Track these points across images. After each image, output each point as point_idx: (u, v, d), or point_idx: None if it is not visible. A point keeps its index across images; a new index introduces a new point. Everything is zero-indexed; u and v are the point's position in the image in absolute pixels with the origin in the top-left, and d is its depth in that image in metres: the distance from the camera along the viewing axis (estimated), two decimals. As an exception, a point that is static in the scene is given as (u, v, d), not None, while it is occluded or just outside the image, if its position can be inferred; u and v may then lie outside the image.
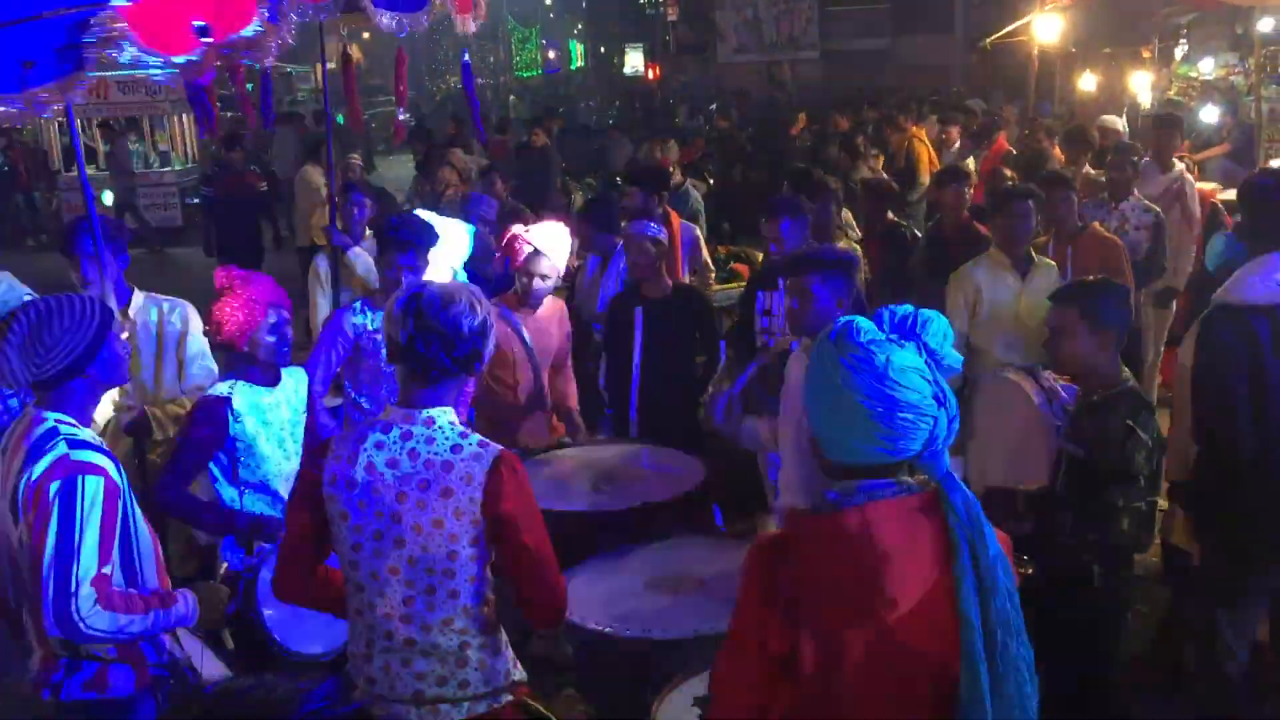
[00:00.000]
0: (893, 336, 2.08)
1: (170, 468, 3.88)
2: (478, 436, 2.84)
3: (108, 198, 16.62)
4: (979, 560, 2.00)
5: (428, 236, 4.86)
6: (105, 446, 3.13)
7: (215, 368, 4.85)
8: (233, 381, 3.93)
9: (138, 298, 4.69)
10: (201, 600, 3.24)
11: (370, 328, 4.73)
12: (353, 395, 4.86)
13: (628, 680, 3.50)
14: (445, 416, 2.83)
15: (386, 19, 5.23)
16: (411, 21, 5.27)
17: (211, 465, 3.93)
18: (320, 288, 6.34)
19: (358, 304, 4.87)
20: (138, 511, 3.19)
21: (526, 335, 5.14)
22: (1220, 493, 3.93)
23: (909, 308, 2.13)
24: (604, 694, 3.65)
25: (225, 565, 3.94)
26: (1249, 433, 3.83)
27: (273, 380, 4.01)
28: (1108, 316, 3.67)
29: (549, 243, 5.12)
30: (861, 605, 2.03)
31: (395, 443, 2.79)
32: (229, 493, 3.94)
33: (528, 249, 5.06)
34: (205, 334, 4.38)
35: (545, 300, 5.29)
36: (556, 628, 3.22)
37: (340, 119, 9.39)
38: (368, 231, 6.84)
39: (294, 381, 4.16)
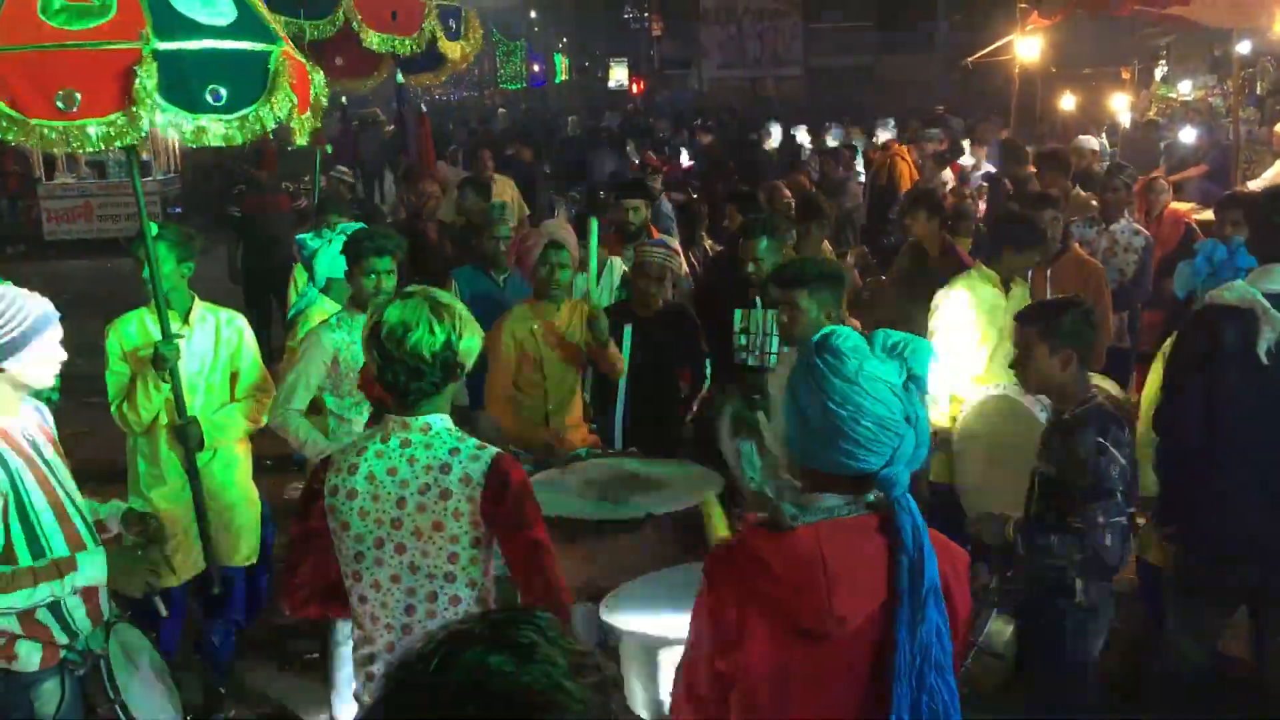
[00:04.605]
0: (880, 354, 2.10)
1: None
2: (475, 440, 2.88)
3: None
4: (916, 587, 2.03)
5: (399, 244, 4.90)
6: None
7: (269, 376, 4.95)
8: None
9: (197, 306, 4.77)
10: (116, 560, 3.28)
11: (347, 340, 4.73)
12: (335, 410, 4.84)
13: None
14: (442, 422, 2.86)
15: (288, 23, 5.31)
16: (316, 30, 5.34)
17: None
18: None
19: (333, 319, 4.86)
20: (40, 504, 3.23)
21: (550, 338, 5.16)
22: (1176, 486, 4.00)
23: (906, 335, 2.14)
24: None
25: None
26: (1196, 428, 3.90)
27: None
28: (1068, 336, 3.70)
29: (560, 233, 5.20)
30: (811, 622, 2.05)
31: (394, 451, 2.82)
32: None
33: (542, 241, 5.11)
34: None
35: (567, 302, 5.31)
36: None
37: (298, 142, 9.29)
38: None
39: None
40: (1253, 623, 4.24)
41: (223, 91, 3.82)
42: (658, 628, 3.28)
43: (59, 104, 3.62)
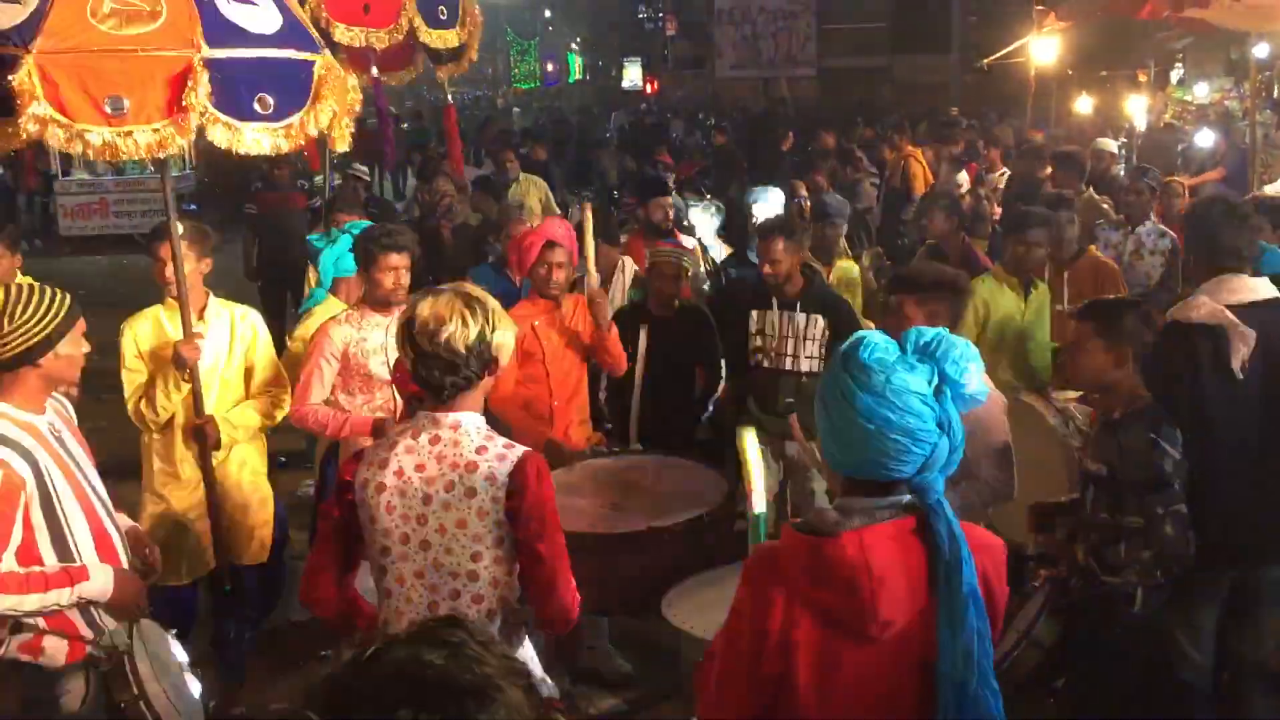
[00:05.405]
0: (910, 358, 2.09)
1: None
2: (503, 440, 2.89)
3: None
4: (954, 592, 2.03)
5: (413, 241, 4.94)
6: (22, 437, 3.20)
7: (284, 373, 4.92)
8: None
9: (211, 303, 4.76)
10: (122, 580, 3.31)
11: (357, 337, 4.75)
12: (344, 407, 4.85)
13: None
14: (472, 421, 2.87)
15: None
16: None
17: None
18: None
19: (341, 314, 4.88)
20: (67, 498, 3.27)
21: (551, 337, 5.16)
22: None
23: (941, 331, 2.12)
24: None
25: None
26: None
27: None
28: (1123, 335, 3.70)
29: (559, 232, 5.18)
30: (857, 626, 2.05)
31: (424, 448, 2.84)
32: None
33: (541, 241, 5.10)
34: None
35: (568, 296, 5.30)
36: (565, 632, 3.17)
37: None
38: None
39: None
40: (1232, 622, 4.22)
41: (270, 99, 3.83)
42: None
43: (107, 109, 3.62)
